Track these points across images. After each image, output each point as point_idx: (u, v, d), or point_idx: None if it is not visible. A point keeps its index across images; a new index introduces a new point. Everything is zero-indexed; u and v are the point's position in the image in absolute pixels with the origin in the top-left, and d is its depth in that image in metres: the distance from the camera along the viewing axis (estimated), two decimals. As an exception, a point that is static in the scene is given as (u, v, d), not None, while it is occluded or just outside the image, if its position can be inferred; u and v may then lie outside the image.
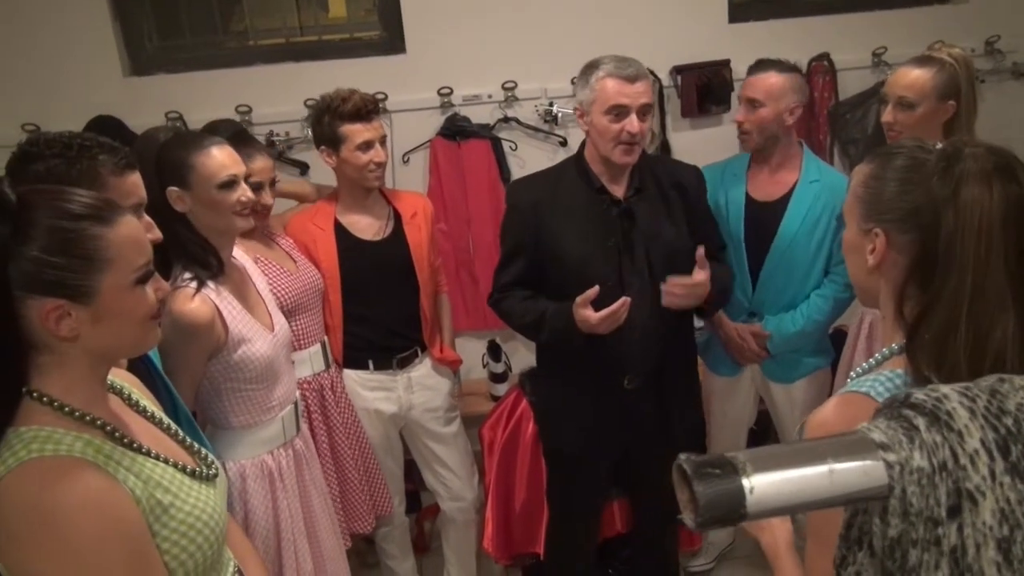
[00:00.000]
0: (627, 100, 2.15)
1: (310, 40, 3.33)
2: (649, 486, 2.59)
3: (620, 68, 2.17)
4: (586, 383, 2.36)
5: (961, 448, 0.55)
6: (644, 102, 2.18)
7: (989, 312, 0.99)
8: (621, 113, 2.16)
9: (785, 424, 2.81)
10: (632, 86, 2.16)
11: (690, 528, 0.53)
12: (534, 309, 2.31)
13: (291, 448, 2.15)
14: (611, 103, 2.16)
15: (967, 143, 1.07)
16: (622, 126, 2.16)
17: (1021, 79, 3.44)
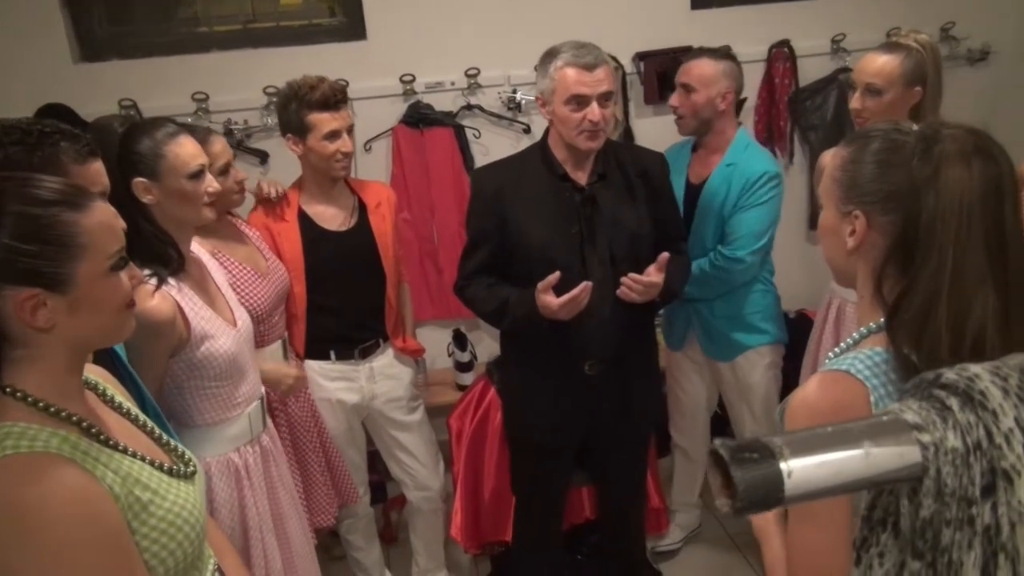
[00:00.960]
0: (587, 89, 2.14)
1: (268, 26, 3.26)
2: (613, 470, 2.61)
3: (579, 56, 2.15)
4: (548, 370, 2.36)
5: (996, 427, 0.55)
6: (604, 90, 2.16)
7: (969, 289, 1.01)
8: (582, 102, 2.15)
9: (732, 402, 2.87)
10: (591, 74, 2.14)
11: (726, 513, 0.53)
12: (497, 296, 2.30)
13: (258, 445, 2.11)
14: (571, 93, 2.15)
15: (944, 124, 1.09)
16: (584, 115, 2.15)
17: (975, 65, 3.52)
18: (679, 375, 2.94)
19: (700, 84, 2.57)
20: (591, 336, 2.28)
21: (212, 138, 2.23)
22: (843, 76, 3.37)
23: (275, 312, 2.40)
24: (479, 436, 2.85)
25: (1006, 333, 1.01)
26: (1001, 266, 1.02)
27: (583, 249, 2.26)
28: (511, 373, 2.57)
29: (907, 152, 1.07)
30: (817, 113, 3.44)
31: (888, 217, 1.10)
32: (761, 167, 2.60)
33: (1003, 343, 1.01)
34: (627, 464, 2.61)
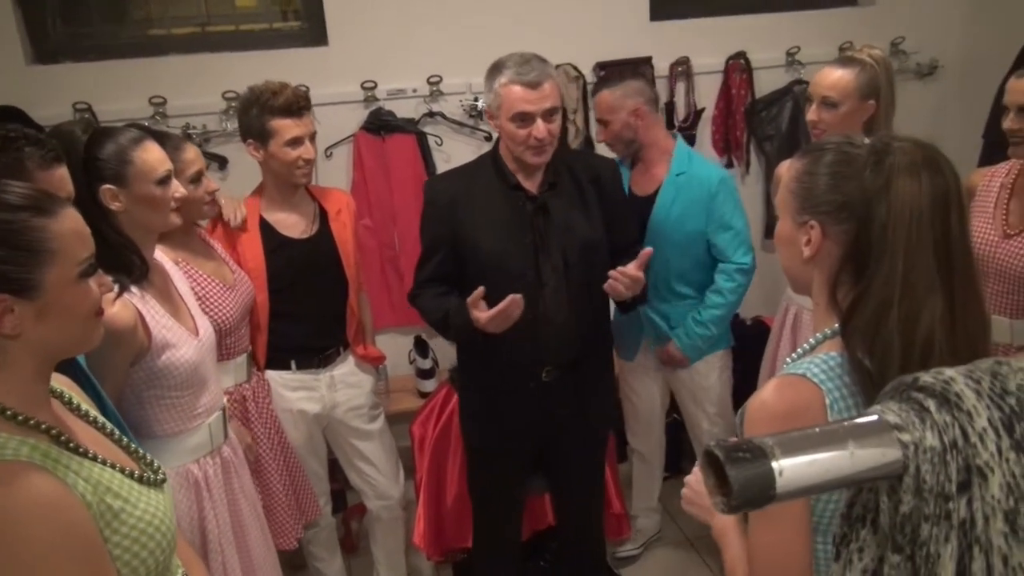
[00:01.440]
0: (531, 107, 2.13)
1: (227, 30, 3.23)
2: (571, 476, 2.63)
3: (522, 74, 2.13)
4: (505, 377, 2.37)
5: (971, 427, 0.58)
6: (548, 106, 2.15)
7: (919, 296, 1.05)
8: (527, 119, 2.15)
9: (688, 406, 2.91)
10: (535, 92, 2.13)
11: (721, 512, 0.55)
12: (441, 307, 2.31)
13: (219, 456, 2.08)
14: (516, 110, 2.14)
15: (894, 138, 1.14)
16: (529, 131, 2.16)
17: (924, 79, 3.64)
18: (633, 382, 2.97)
19: (608, 114, 2.69)
20: (547, 343, 2.30)
21: (185, 145, 2.20)
22: (798, 88, 3.46)
23: (242, 324, 2.38)
24: (442, 443, 2.85)
25: (952, 337, 1.06)
26: (948, 273, 1.06)
27: (537, 257, 2.27)
28: (468, 378, 2.57)
29: (859, 164, 1.12)
30: (773, 124, 3.52)
31: (842, 227, 1.14)
32: (715, 173, 2.70)
33: (950, 347, 1.06)
34: (585, 469, 2.63)
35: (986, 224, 2.25)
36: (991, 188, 2.30)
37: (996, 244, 2.20)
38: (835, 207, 1.15)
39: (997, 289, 2.21)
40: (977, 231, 2.26)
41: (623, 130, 2.68)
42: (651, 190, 2.71)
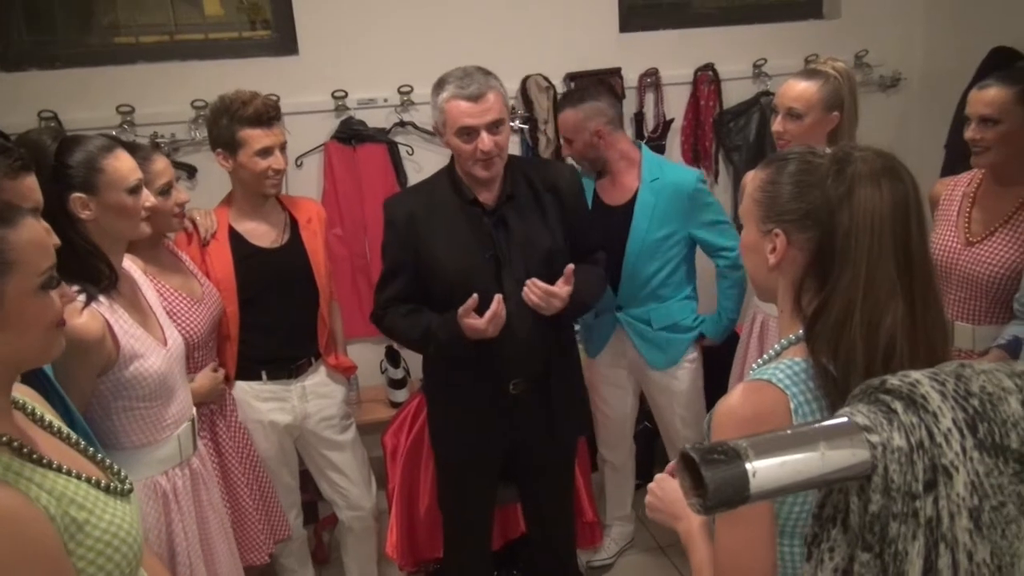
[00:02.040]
0: (473, 121, 2.12)
1: (196, 38, 3.21)
2: (541, 486, 2.62)
3: (463, 88, 2.12)
4: (472, 391, 2.36)
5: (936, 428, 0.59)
6: (491, 119, 2.13)
7: (881, 301, 1.08)
8: (471, 133, 2.14)
9: (664, 412, 2.94)
10: (476, 105, 2.12)
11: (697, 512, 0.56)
12: (417, 324, 2.28)
13: (187, 467, 2.06)
14: (459, 125, 2.13)
15: (855, 147, 1.16)
16: (474, 146, 2.14)
17: (887, 91, 3.72)
18: (603, 392, 2.98)
19: (571, 134, 2.71)
20: (513, 356, 2.29)
21: (154, 156, 2.18)
22: (765, 99, 3.52)
23: (211, 337, 2.36)
24: (415, 453, 2.84)
25: (913, 340, 1.09)
26: (908, 278, 1.09)
27: (499, 271, 2.26)
28: (435, 392, 2.54)
29: (822, 173, 1.14)
30: (741, 134, 3.57)
31: (806, 234, 1.16)
32: (689, 176, 2.75)
33: (911, 350, 1.09)
34: (555, 478, 2.63)
35: (949, 232, 2.30)
36: (954, 197, 2.35)
37: (959, 252, 2.25)
38: (799, 215, 1.17)
39: (960, 296, 2.25)
40: (941, 239, 2.30)
41: (586, 149, 2.71)
42: (624, 199, 2.73)
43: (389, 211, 2.34)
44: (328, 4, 3.13)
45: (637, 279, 2.75)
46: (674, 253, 2.75)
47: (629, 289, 2.77)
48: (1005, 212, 2.21)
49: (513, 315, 2.24)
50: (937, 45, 3.67)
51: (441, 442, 2.55)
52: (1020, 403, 0.61)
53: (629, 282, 2.75)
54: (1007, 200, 2.22)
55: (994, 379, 0.62)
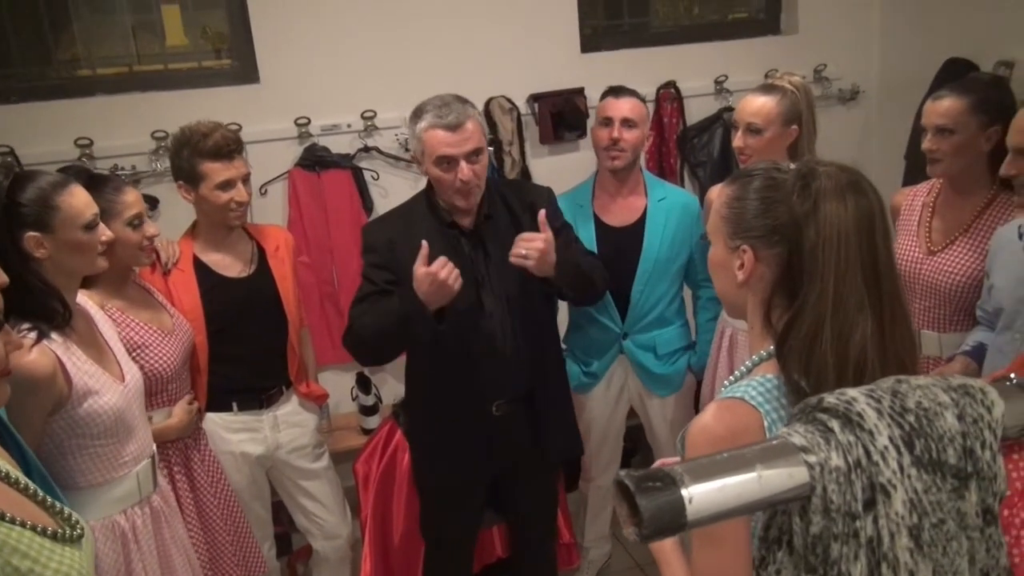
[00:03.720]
0: (452, 151, 2.12)
1: (156, 69, 3.19)
2: (525, 509, 2.60)
3: (441, 117, 2.12)
4: (455, 412, 2.34)
5: (873, 446, 0.59)
6: (470, 148, 2.13)
7: (850, 315, 1.07)
8: (450, 163, 2.14)
9: (659, 434, 2.92)
10: (455, 135, 2.11)
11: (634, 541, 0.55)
12: (386, 309, 2.19)
13: (148, 505, 2.02)
14: (437, 154, 2.13)
15: (819, 163, 1.16)
16: (453, 175, 2.14)
17: (847, 103, 3.76)
18: (595, 413, 2.93)
19: (640, 121, 2.64)
20: (495, 377, 2.28)
21: (125, 188, 2.15)
22: (727, 115, 3.55)
23: (184, 369, 2.33)
24: (387, 480, 2.81)
25: (883, 354, 1.09)
26: (876, 292, 1.09)
27: (479, 292, 2.26)
28: (418, 416, 2.53)
29: (787, 189, 1.14)
30: (704, 150, 3.59)
31: (774, 250, 1.16)
32: (691, 196, 2.81)
33: (881, 363, 1.08)
34: (539, 502, 2.61)
35: (911, 242, 2.32)
36: (914, 207, 2.37)
37: (921, 261, 2.27)
38: (766, 231, 1.17)
39: (925, 305, 2.27)
40: (903, 249, 2.32)
41: (640, 144, 2.67)
42: (631, 220, 2.71)
43: (368, 236, 2.33)
44: (288, 31, 3.12)
45: (646, 302, 2.72)
46: (678, 276, 2.76)
47: (637, 313, 2.74)
48: (964, 221, 2.23)
49: (495, 335, 2.22)
50: (893, 57, 3.73)
51: (424, 468, 2.51)
52: (956, 417, 0.61)
53: (637, 306, 2.73)
54: (965, 209, 2.24)
55: (930, 394, 0.62)
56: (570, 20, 3.44)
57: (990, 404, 0.63)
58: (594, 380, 2.85)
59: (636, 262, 2.69)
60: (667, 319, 2.78)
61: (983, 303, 2.10)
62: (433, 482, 2.50)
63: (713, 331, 2.78)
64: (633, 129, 2.61)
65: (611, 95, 2.68)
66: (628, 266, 2.69)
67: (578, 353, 2.88)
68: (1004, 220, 2.14)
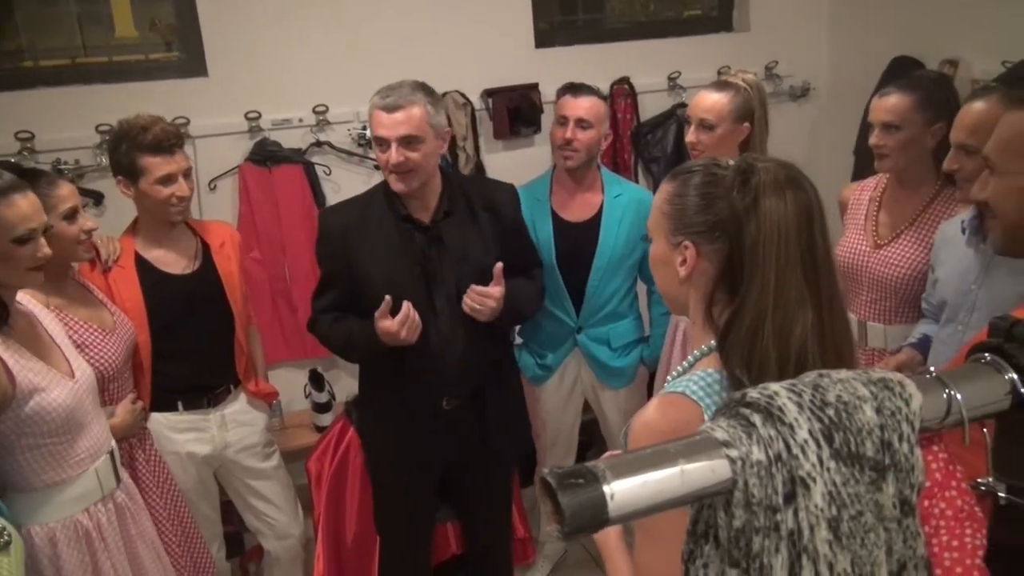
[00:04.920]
0: (385, 132, 2.13)
1: (100, 61, 3.12)
2: (478, 505, 2.61)
3: (381, 98, 2.14)
4: (405, 407, 2.35)
5: (793, 439, 0.59)
6: (403, 133, 2.12)
7: (791, 310, 1.08)
8: (383, 144, 2.15)
9: (613, 427, 2.94)
10: (390, 116, 2.12)
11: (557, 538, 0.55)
12: (341, 332, 2.30)
13: (111, 502, 1.98)
14: (374, 134, 2.16)
15: (757, 158, 1.17)
16: (387, 156, 2.15)
17: (798, 100, 3.81)
18: (551, 408, 2.95)
19: (596, 121, 2.63)
20: (445, 372, 2.28)
21: (59, 182, 2.10)
22: (680, 111, 3.57)
23: (126, 368, 2.28)
24: (339, 478, 2.78)
25: (823, 347, 1.10)
26: (815, 286, 1.10)
27: (429, 287, 2.25)
28: (369, 412, 2.52)
29: (727, 185, 1.15)
30: (658, 146, 3.62)
31: (715, 246, 1.17)
32: (647, 192, 2.80)
33: (821, 355, 1.09)
34: (491, 498, 2.62)
35: (858, 236, 2.35)
36: (861, 201, 2.41)
37: (868, 255, 2.30)
38: (707, 227, 1.17)
39: (871, 297, 2.30)
40: (850, 243, 2.36)
41: (596, 143, 2.66)
42: (587, 215, 2.72)
43: (323, 222, 2.35)
44: (238, 23, 3.07)
45: (601, 296, 2.74)
46: (632, 271, 2.78)
47: (592, 307, 2.76)
48: (909, 215, 2.27)
49: (445, 331, 2.22)
50: (842, 56, 3.79)
51: (376, 463, 2.51)
52: (875, 411, 0.61)
53: (593, 300, 2.74)
54: (911, 204, 2.28)
55: (850, 388, 0.62)
56: (524, 15, 3.44)
57: (908, 397, 0.64)
58: (548, 372, 2.86)
59: (592, 257, 2.70)
60: (621, 313, 2.80)
61: (928, 296, 2.14)
62: (384, 477, 2.51)
63: (666, 325, 2.81)
64: (588, 130, 2.61)
65: (569, 93, 2.68)
66: (584, 261, 2.71)
67: (533, 346, 2.89)
68: (948, 214, 2.18)
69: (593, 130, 2.61)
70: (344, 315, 2.31)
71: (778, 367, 1.07)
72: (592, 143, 2.63)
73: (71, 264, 2.23)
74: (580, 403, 2.98)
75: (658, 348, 2.83)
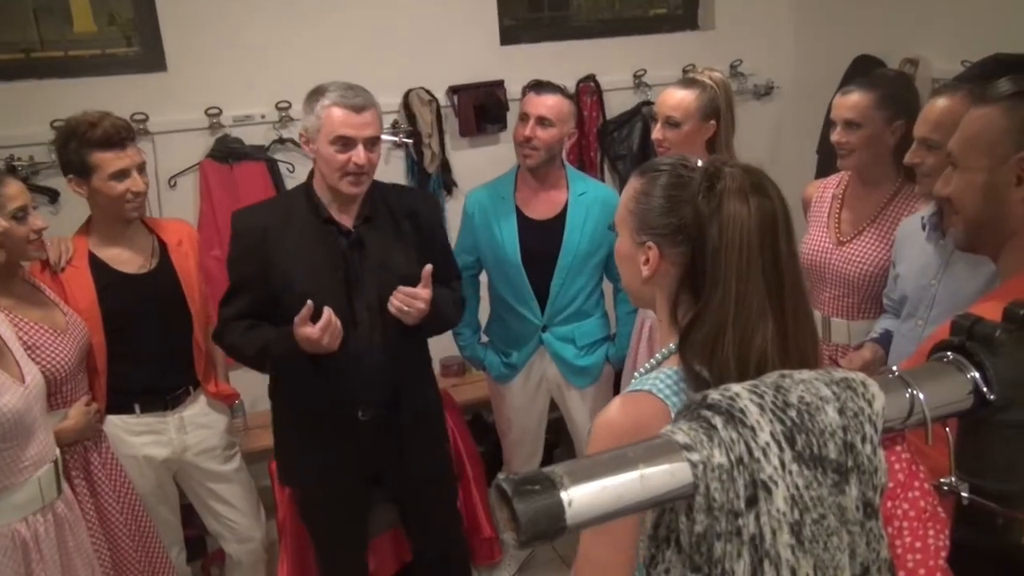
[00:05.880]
0: (352, 132, 2.08)
1: (55, 56, 3.04)
2: (415, 512, 2.55)
3: (346, 97, 2.09)
4: (320, 418, 2.27)
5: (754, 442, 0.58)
6: (370, 134, 2.11)
7: (752, 320, 1.07)
8: (348, 144, 2.09)
9: (579, 426, 2.93)
10: (359, 116, 2.09)
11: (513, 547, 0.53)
12: (254, 342, 2.19)
13: (51, 512, 1.93)
14: (336, 133, 2.08)
15: (725, 162, 1.16)
16: (348, 157, 2.09)
17: (762, 99, 3.83)
18: (516, 407, 2.94)
19: (557, 119, 2.58)
20: (361, 380, 2.22)
21: (6, 179, 2.05)
22: (646, 108, 3.58)
23: (80, 369, 2.22)
24: (303, 479, 2.74)
25: (784, 354, 1.08)
26: (778, 295, 1.08)
27: (349, 294, 2.20)
28: (282, 417, 2.41)
29: (693, 189, 1.13)
30: (624, 143, 3.62)
31: (678, 249, 1.16)
32: (612, 191, 2.80)
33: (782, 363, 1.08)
34: (428, 505, 2.52)
35: (821, 233, 2.37)
36: (824, 198, 2.42)
37: (831, 252, 2.32)
38: (670, 230, 1.16)
39: (834, 294, 2.32)
40: (813, 240, 2.37)
41: (558, 142, 2.62)
42: (552, 214, 2.70)
43: (238, 223, 2.24)
44: (197, 17, 3.01)
45: (566, 295, 2.72)
46: (597, 269, 2.76)
47: (557, 306, 2.74)
48: (871, 212, 2.29)
49: (363, 338, 2.18)
50: (806, 55, 3.82)
51: (290, 474, 2.44)
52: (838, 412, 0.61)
53: (557, 298, 2.73)
54: (872, 201, 2.30)
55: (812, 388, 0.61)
56: (489, 12, 3.41)
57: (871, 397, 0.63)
58: (513, 371, 2.85)
59: (556, 255, 2.69)
60: (586, 311, 2.79)
61: (889, 292, 2.16)
62: (303, 488, 2.45)
63: (632, 323, 2.80)
64: (549, 128, 2.58)
65: (533, 91, 2.65)
66: (548, 259, 2.69)
67: (498, 344, 2.87)
68: (909, 211, 2.20)
69: (554, 129, 2.59)
70: (257, 323, 2.21)
71: (738, 374, 1.06)
72: (553, 142, 2.60)
73: (20, 264, 2.17)
74: (546, 402, 2.97)
75: (624, 347, 2.82)
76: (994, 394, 0.71)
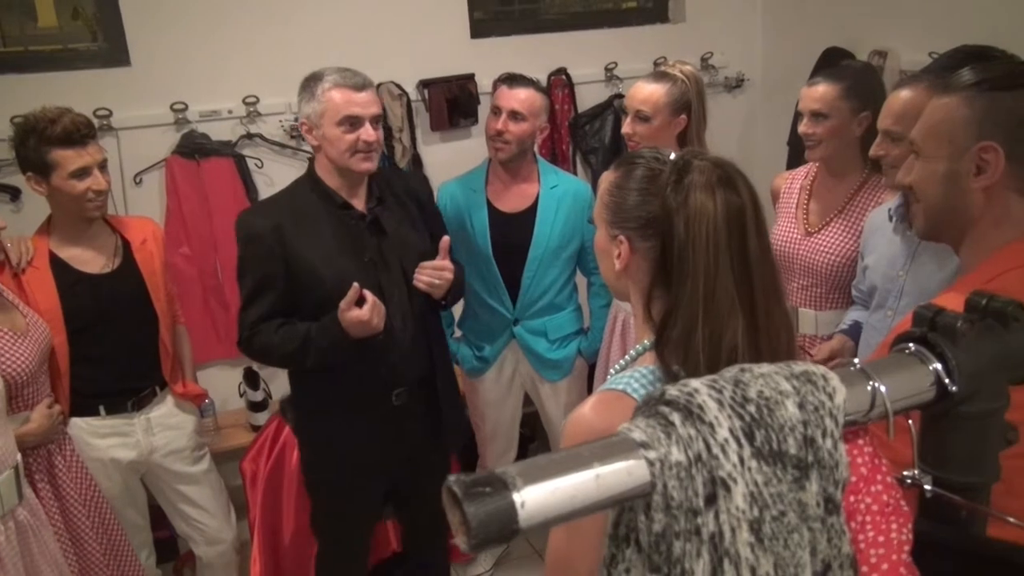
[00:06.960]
0: (359, 110, 2.12)
1: (15, 51, 2.97)
2: (420, 502, 2.54)
3: (346, 78, 2.13)
4: (352, 406, 2.25)
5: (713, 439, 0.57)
6: (375, 111, 2.16)
7: (722, 318, 1.05)
8: (355, 123, 2.12)
9: (553, 420, 2.93)
10: (362, 95, 2.13)
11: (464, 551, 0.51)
12: (295, 335, 2.14)
13: (12, 520, 1.89)
14: (344, 114, 2.11)
15: (696, 155, 1.14)
16: (357, 135, 2.12)
17: (733, 91, 3.84)
18: (487, 395, 2.93)
19: (530, 113, 2.57)
20: (395, 363, 2.22)
21: None
22: (618, 102, 3.57)
23: (41, 372, 2.17)
24: (275, 478, 2.72)
25: (755, 350, 1.06)
26: (748, 290, 1.06)
27: (378, 274, 2.20)
28: (307, 413, 2.41)
29: (662, 182, 1.12)
30: (596, 137, 3.61)
31: (648, 243, 1.14)
32: (584, 184, 2.79)
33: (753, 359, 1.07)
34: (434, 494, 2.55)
35: (789, 224, 2.38)
36: (792, 190, 2.43)
37: (799, 242, 2.33)
38: (641, 224, 1.14)
39: (802, 284, 2.33)
40: (782, 231, 2.38)
41: (530, 136, 2.61)
42: (523, 206, 2.69)
43: (246, 227, 2.19)
44: (161, 11, 2.96)
45: (537, 288, 2.72)
46: (569, 263, 2.76)
47: (529, 299, 2.73)
48: (838, 203, 2.30)
49: (395, 320, 2.18)
50: (775, 47, 3.82)
51: (320, 467, 2.40)
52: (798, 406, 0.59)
53: (528, 291, 2.72)
54: (839, 191, 2.31)
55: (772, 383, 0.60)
56: (460, 5, 3.39)
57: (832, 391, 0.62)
58: (486, 365, 2.84)
59: (527, 248, 2.68)
60: (558, 305, 2.78)
61: (858, 283, 2.17)
62: (328, 480, 2.40)
63: (606, 317, 2.80)
64: (521, 122, 2.57)
65: (505, 84, 2.63)
66: (520, 252, 2.68)
67: (471, 337, 2.87)
68: (876, 202, 2.21)
69: (526, 123, 2.57)
70: (290, 321, 2.17)
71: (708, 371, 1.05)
72: (524, 136, 2.59)
73: None
74: (520, 396, 2.96)
75: (597, 340, 2.82)
76: (956, 385, 0.71)
